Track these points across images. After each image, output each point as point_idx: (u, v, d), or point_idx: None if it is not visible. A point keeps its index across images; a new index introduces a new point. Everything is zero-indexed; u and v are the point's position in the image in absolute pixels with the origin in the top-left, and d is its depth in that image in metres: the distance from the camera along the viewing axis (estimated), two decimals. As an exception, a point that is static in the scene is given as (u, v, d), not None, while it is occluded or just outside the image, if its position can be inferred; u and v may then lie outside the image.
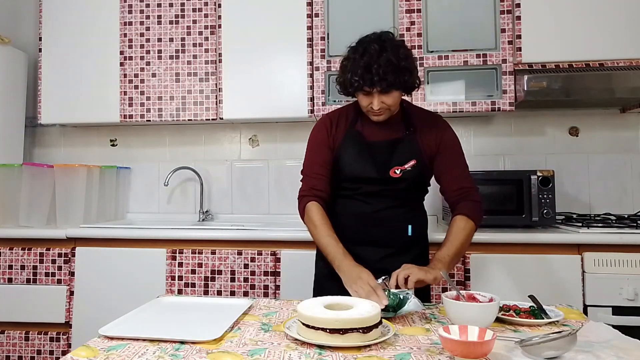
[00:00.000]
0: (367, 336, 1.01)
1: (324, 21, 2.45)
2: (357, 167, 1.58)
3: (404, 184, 1.57)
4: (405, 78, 1.47)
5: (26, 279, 2.31)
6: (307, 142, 1.69)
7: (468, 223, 1.53)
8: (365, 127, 1.62)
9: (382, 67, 1.42)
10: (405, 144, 1.59)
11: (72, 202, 2.50)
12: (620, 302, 1.98)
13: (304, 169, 1.66)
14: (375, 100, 1.49)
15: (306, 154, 1.68)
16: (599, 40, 2.27)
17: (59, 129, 2.98)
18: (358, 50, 1.49)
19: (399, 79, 1.45)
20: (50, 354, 2.28)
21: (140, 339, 1.04)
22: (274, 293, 2.20)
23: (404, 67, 1.46)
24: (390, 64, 1.43)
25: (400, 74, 1.45)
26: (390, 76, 1.43)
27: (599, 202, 2.59)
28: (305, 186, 1.64)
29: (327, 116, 1.70)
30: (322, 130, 1.66)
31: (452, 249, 1.49)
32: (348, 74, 1.49)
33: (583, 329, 1.10)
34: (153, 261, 2.26)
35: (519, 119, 2.67)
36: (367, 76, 1.44)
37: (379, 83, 1.44)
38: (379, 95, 1.48)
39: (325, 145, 1.64)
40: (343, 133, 1.63)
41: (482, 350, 0.90)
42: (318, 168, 1.63)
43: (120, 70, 2.61)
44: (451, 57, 2.37)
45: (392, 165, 1.56)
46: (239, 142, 2.88)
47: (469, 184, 1.60)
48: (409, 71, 1.48)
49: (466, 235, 1.53)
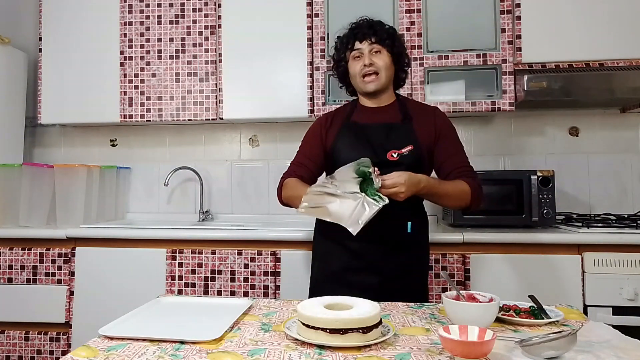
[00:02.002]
0: (367, 336, 1.01)
1: (324, 21, 2.45)
2: (354, 152, 1.58)
3: (401, 169, 1.55)
4: (395, 38, 1.61)
5: (26, 279, 2.31)
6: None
7: (466, 186, 1.54)
8: (361, 115, 1.67)
9: (374, 24, 1.60)
10: (402, 130, 1.61)
11: (72, 202, 2.50)
12: (620, 302, 1.98)
13: (292, 160, 1.74)
14: (366, 56, 1.59)
15: (299, 147, 1.76)
16: (599, 40, 2.27)
17: (59, 129, 2.98)
18: (348, 27, 1.67)
19: (389, 36, 1.60)
20: (50, 354, 2.28)
21: (140, 339, 1.04)
22: (274, 293, 2.20)
23: (392, 30, 1.62)
24: (380, 23, 1.62)
25: (389, 33, 1.60)
26: (380, 31, 1.59)
27: (599, 202, 2.59)
28: (287, 172, 1.71)
29: (324, 114, 1.77)
30: (316, 126, 1.72)
31: (441, 188, 1.52)
32: (341, 38, 1.66)
33: (583, 329, 1.10)
34: (153, 261, 2.26)
35: (519, 119, 2.67)
36: (357, 31, 1.60)
37: (370, 35, 1.58)
38: (369, 54, 1.59)
39: (315, 139, 1.69)
40: (339, 126, 1.67)
41: (482, 350, 0.90)
42: (303, 158, 1.69)
43: (120, 70, 2.61)
44: (451, 57, 2.37)
45: (389, 149, 1.57)
46: (239, 142, 2.88)
47: (471, 169, 1.62)
48: (397, 38, 1.63)
49: (459, 192, 1.54)
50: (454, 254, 2.10)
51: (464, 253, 2.10)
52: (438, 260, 2.10)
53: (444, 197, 1.54)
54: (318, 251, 1.73)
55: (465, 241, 2.09)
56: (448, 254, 2.10)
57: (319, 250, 1.72)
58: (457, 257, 2.10)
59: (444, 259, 2.10)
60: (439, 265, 2.10)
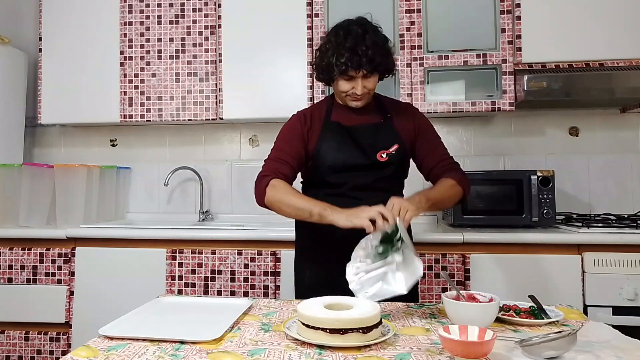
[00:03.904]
0: (367, 336, 1.01)
1: (324, 21, 2.45)
2: (342, 155, 1.54)
3: (391, 169, 1.55)
4: (389, 60, 1.50)
5: (26, 279, 2.31)
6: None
7: (456, 186, 1.52)
8: (341, 116, 1.59)
9: (370, 49, 1.43)
10: (387, 129, 1.59)
11: (72, 202, 2.50)
12: (620, 302, 1.98)
13: (269, 156, 1.59)
14: (359, 84, 1.48)
15: (274, 144, 1.61)
16: (599, 40, 2.27)
17: (59, 129, 2.98)
18: (339, 33, 1.48)
19: (385, 60, 1.48)
20: (50, 354, 2.28)
21: (140, 339, 1.04)
22: (274, 293, 2.20)
23: (387, 49, 1.49)
24: (376, 45, 1.45)
25: (385, 56, 1.48)
26: (378, 58, 1.45)
27: (599, 202, 2.59)
28: (267, 168, 1.56)
29: (299, 112, 1.66)
30: (295, 123, 1.61)
31: (436, 193, 1.48)
32: (332, 58, 1.46)
33: (583, 329, 1.10)
34: (153, 261, 2.26)
35: (519, 119, 2.67)
36: (354, 58, 1.43)
37: (366, 65, 1.44)
38: (362, 79, 1.48)
39: (296, 136, 1.58)
40: (319, 126, 1.59)
41: (482, 350, 0.90)
42: (284, 155, 1.55)
43: (120, 70, 2.61)
44: (451, 57, 2.37)
45: (378, 149, 1.55)
46: (239, 142, 2.88)
47: (452, 160, 1.61)
48: (391, 54, 1.51)
49: (454, 193, 1.52)
50: (454, 254, 2.10)
51: (464, 253, 2.10)
52: (438, 260, 2.10)
53: (443, 202, 1.52)
54: (309, 257, 1.67)
55: (465, 241, 2.09)
56: (448, 254, 2.10)
57: (310, 255, 1.66)
58: (457, 257, 2.10)
59: (444, 259, 2.10)
60: (439, 265, 2.10)
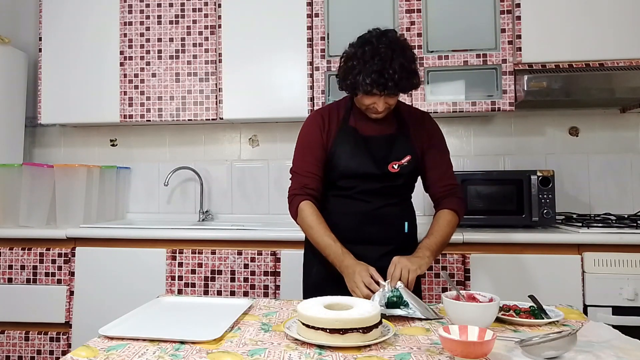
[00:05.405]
0: (367, 336, 1.01)
1: (324, 21, 2.45)
2: (354, 162, 1.57)
3: (401, 179, 1.58)
4: (414, 81, 1.48)
5: (26, 279, 2.31)
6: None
7: (454, 218, 1.58)
8: (358, 123, 1.61)
9: (397, 73, 1.42)
10: (401, 140, 1.60)
11: (72, 202, 2.50)
12: (620, 302, 1.98)
13: (295, 167, 1.63)
14: (382, 101, 1.48)
15: (296, 151, 1.65)
16: (599, 40, 2.27)
17: (59, 129, 2.98)
18: (366, 52, 1.46)
19: (410, 82, 1.46)
20: (50, 354, 2.28)
21: (140, 339, 1.04)
22: (274, 293, 2.20)
23: (414, 70, 1.47)
24: (404, 69, 1.43)
25: (411, 78, 1.46)
26: (404, 81, 1.44)
27: (599, 202, 2.59)
28: (296, 184, 1.61)
29: (317, 113, 1.67)
30: (315, 128, 1.63)
31: (439, 239, 1.53)
32: (359, 77, 1.45)
33: (583, 329, 1.10)
34: (153, 261, 2.26)
35: (519, 119, 2.67)
36: (380, 81, 1.42)
37: (392, 88, 1.43)
38: (385, 97, 1.47)
39: (317, 143, 1.61)
40: (336, 129, 1.62)
41: (482, 350, 0.90)
42: (310, 166, 1.60)
43: (120, 70, 2.61)
44: (451, 57, 2.37)
45: (390, 161, 1.57)
46: (239, 142, 2.88)
47: (454, 181, 1.64)
48: (417, 73, 1.49)
49: (452, 229, 1.57)
50: (454, 254, 2.10)
51: (464, 253, 2.10)
52: (438, 260, 2.10)
53: (444, 244, 1.57)
54: (317, 254, 1.71)
55: (465, 241, 2.09)
56: (448, 254, 2.10)
57: (318, 252, 1.69)
58: (457, 257, 2.10)
59: (444, 259, 2.10)
60: (439, 265, 2.10)
